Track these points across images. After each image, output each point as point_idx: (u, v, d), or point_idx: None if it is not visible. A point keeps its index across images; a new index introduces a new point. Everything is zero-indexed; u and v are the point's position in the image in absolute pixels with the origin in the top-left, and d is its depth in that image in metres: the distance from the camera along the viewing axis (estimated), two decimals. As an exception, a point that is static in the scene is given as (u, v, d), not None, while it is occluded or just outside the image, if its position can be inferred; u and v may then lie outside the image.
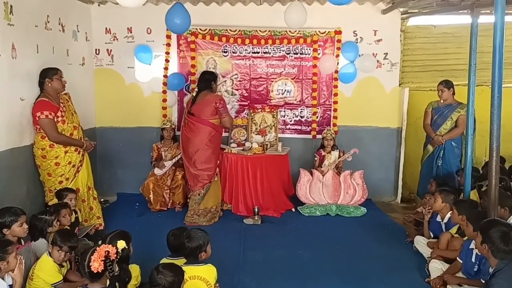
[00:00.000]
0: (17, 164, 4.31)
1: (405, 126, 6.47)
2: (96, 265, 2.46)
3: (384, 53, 6.30)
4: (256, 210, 5.48)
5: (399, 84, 6.45)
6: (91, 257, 2.49)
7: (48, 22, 4.93)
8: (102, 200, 5.75)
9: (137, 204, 6.00)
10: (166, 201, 5.89)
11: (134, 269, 3.19)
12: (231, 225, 5.30)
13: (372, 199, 6.23)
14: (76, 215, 4.42)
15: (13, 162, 4.25)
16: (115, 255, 2.55)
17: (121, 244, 2.73)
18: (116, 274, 2.63)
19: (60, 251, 3.26)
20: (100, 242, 2.87)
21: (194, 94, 5.45)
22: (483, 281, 3.22)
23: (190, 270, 2.92)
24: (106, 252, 2.50)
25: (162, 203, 5.85)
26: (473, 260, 3.40)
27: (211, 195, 5.42)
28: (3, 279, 2.87)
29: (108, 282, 2.63)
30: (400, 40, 6.40)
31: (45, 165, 4.49)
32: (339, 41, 6.22)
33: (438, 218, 4.35)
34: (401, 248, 4.59)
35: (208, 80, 5.41)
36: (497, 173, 3.33)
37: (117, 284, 2.72)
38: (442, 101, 5.71)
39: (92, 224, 4.81)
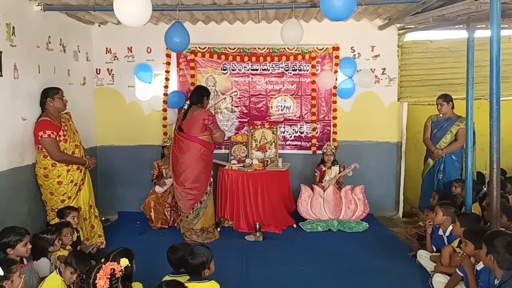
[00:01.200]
0: (18, 183, 4.32)
1: (404, 140, 6.47)
2: (102, 283, 2.45)
3: (382, 68, 6.36)
4: (258, 226, 5.46)
5: (398, 99, 6.51)
6: (97, 275, 2.48)
7: (50, 42, 5.00)
8: (103, 219, 5.75)
9: (138, 222, 5.98)
10: (167, 219, 5.87)
11: (137, 287, 3.17)
12: (232, 242, 5.27)
13: (373, 214, 6.22)
14: (78, 234, 4.41)
15: (14, 182, 4.25)
16: (120, 273, 2.54)
17: (124, 261, 2.73)
18: None
19: (73, 273, 3.21)
20: (103, 260, 2.87)
21: (185, 107, 5.42)
22: None
23: (193, 287, 2.90)
24: (112, 270, 2.50)
25: (163, 221, 5.84)
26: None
27: (207, 215, 5.38)
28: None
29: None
30: (398, 55, 6.49)
31: (47, 184, 4.50)
32: (337, 57, 6.29)
33: (440, 232, 4.34)
34: (404, 262, 4.56)
35: (201, 94, 5.37)
36: (498, 185, 3.33)
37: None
38: (441, 115, 5.75)
39: (94, 243, 4.79)
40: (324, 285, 4.05)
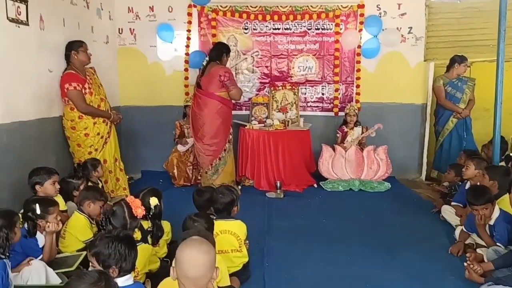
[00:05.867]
0: (46, 134, 4.37)
1: (430, 102, 6.35)
2: (140, 210, 2.58)
3: (408, 27, 6.21)
4: (278, 184, 5.47)
5: (424, 60, 6.35)
6: (129, 207, 2.59)
7: (74, -3, 4.99)
8: (127, 177, 5.81)
9: (161, 180, 6.05)
10: (189, 177, 5.94)
11: (166, 225, 3.25)
12: (254, 198, 5.28)
13: (395, 177, 6.16)
14: (101, 185, 4.49)
15: (42, 132, 4.30)
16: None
17: (154, 200, 2.80)
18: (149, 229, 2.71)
19: (91, 204, 3.24)
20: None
21: (204, 63, 5.42)
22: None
23: (220, 225, 2.94)
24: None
25: (185, 178, 5.91)
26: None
27: (227, 172, 5.46)
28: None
29: (140, 236, 2.68)
30: (425, 15, 6.29)
31: (74, 136, 4.56)
32: (362, 15, 6.15)
33: (467, 186, 4.27)
34: (428, 218, 4.54)
35: (220, 51, 5.36)
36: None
37: (149, 238, 2.77)
38: (455, 75, 5.82)
39: (119, 195, 4.86)
40: (346, 235, 4.06)
